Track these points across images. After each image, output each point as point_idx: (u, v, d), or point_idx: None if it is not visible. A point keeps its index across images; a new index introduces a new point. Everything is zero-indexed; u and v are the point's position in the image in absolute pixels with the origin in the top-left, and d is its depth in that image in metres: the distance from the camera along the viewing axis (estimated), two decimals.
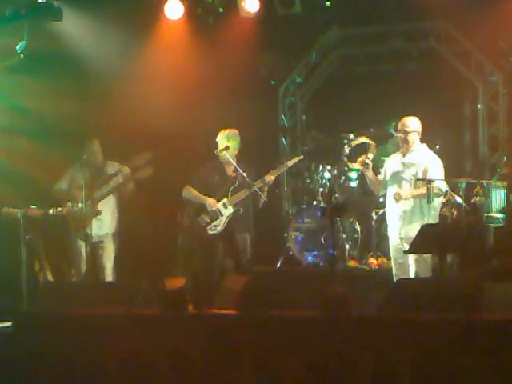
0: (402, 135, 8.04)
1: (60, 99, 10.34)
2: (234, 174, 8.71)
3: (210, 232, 8.65)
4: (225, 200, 8.68)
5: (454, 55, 11.34)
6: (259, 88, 11.78)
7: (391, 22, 11.35)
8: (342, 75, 12.11)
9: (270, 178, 8.58)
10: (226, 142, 8.71)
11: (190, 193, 8.79)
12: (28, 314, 6.45)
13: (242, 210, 8.66)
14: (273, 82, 12.27)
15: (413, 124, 8.06)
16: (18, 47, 8.84)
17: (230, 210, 8.66)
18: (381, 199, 9.44)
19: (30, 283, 8.83)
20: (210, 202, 8.65)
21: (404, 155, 8.11)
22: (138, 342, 5.74)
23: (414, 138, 8.05)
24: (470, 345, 5.00)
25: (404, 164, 8.08)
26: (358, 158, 8.33)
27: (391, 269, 8.34)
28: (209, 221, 8.66)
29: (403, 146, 8.09)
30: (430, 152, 8.15)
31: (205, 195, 8.71)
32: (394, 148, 10.23)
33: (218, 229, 8.66)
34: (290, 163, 8.95)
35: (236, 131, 8.82)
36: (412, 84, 11.50)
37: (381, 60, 11.96)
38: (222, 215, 8.66)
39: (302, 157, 9.24)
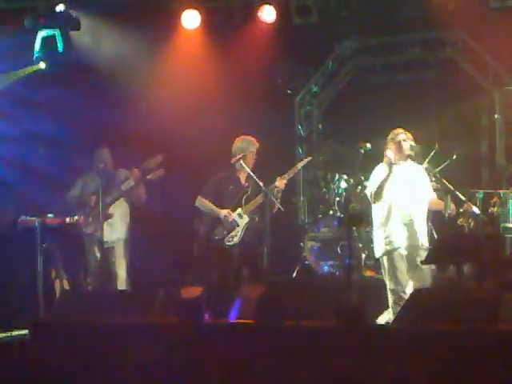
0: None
1: (76, 108, 10.41)
2: (247, 183, 8.69)
3: (227, 244, 8.59)
4: (239, 210, 8.63)
5: (471, 64, 11.28)
6: (275, 97, 11.78)
7: (408, 31, 11.33)
8: (359, 84, 12.08)
9: (282, 182, 8.51)
10: (243, 149, 8.64)
11: (204, 205, 8.69)
12: (44, 323, 6.46)
13: (257, 219, 8.62)
14: (289, 92, 12.25)
15: None
16: (35, 56, 8.93)
17: (246, 219, 8.62)
18: None
19: (47, 291, 8.87)
20: (225, 213, 8.56)
21: None
22: (154, 351, 5.74)
23: None
24: (486, 356, 4.98)
25: None
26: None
27: None
28: (226, 233, 8.59)
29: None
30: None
31: (218, 205, 8.64)
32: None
33: (235, 239, 8.59)
34: (299, 165, 8.90)
35: (253, 138, 8.77)
36: (429, 93, 11.46)
37: (398, 69, 11.91)
38: (238, 225, 8.61)
39: (310, 158, 9.32)
